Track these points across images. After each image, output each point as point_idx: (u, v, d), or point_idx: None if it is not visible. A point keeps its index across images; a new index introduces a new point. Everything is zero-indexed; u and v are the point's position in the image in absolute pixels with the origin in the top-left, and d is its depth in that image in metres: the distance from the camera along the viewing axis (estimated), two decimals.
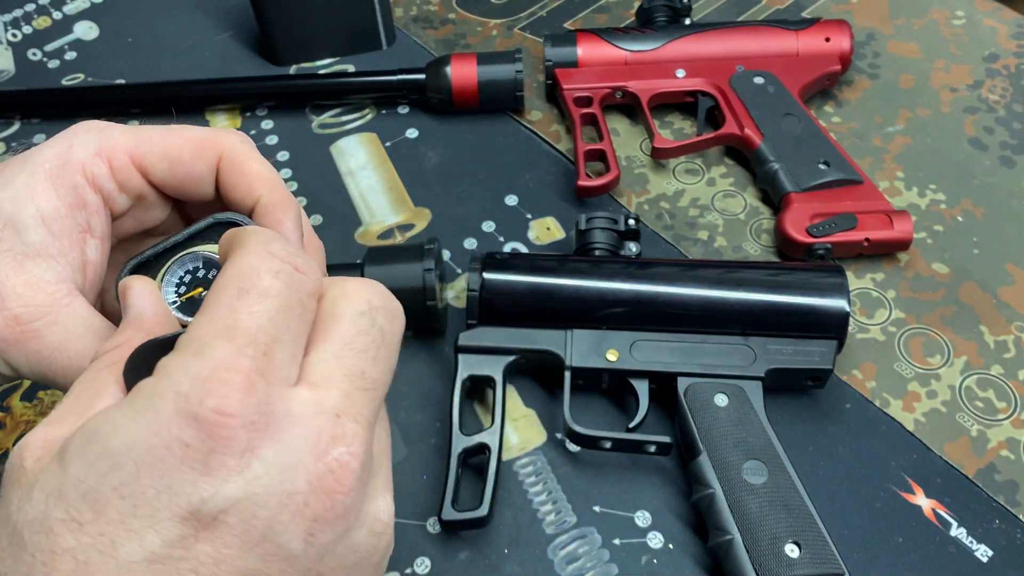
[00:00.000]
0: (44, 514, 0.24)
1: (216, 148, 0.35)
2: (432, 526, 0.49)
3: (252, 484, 0.24)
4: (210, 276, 0.34)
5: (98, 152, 0.34)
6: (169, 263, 0.34)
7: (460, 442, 0.49)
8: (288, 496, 0.25)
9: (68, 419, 0.26)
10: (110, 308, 0.38)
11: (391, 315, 0.29)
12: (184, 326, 0.32)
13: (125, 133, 0.35)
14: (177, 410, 0.24)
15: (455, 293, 0.60)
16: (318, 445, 0.25)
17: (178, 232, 0.34)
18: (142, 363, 0.27)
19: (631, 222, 0.56)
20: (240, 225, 0.34)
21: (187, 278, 0.34)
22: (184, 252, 0.34)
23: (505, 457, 0.52)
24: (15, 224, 0.33)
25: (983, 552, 0.48)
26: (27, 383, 0.56)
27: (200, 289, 0.34)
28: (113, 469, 0.24)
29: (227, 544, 0.24)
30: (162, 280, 0.34)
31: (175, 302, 0.34)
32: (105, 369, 0.28)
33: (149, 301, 0.31)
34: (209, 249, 0.34)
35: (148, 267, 0.34)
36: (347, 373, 0.27)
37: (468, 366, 0.51)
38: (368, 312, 0.28)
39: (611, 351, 0.51)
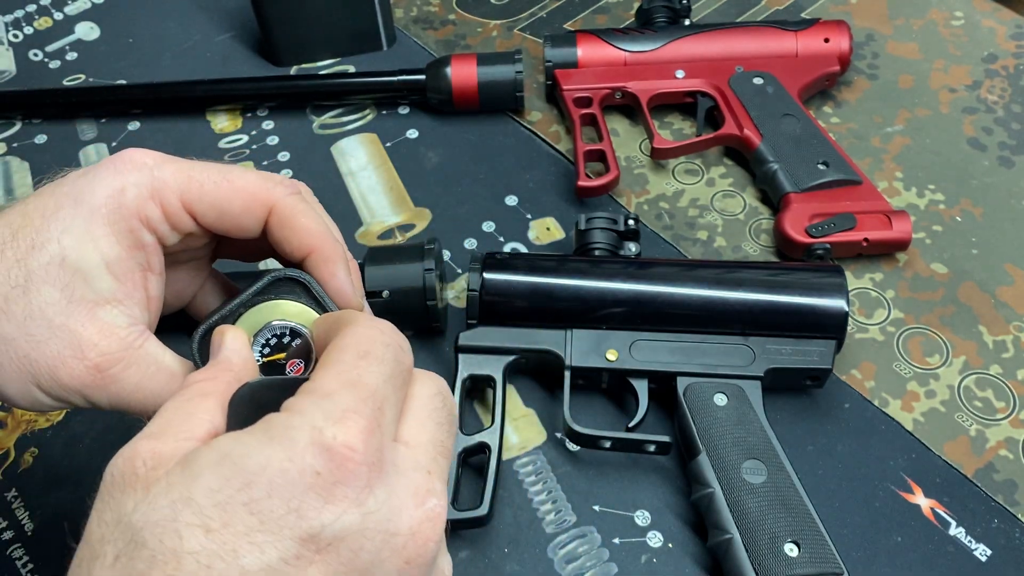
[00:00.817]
0: (170, 517, 0.25)
1: (266, 204, 0.36)
2: None
3: (366, 518, 0.27)
4: (294, 344, 0.36)
5: (151, 195, 0.35)
6: (261, 327, 0.36)
7: (460, 441, 0.49)
8: (391, 536, 0.27)
9: (168, 436, 0.28)
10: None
11: (451, 400, 0.33)
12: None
13: (176, 175, 0.36)
14: (312, 441, 0.26)
15: (455, 293, 0.60)
16: (417, 495, 0.28)
17: (244, 292, 0.36)
18: (250, 399, 0.31)
19: (631, 222, 0.56)
20: (301, 282, 0.36)
21: (273, 341, 0.36)
22: (272, 319, 0.36)
23: (505, 456, 0.52)
24: (83, 273, 0.34)
25: (982, 551, 0.48)
26: None
27: (282, 355, 0.36)
28: (246, 486, 0.25)
29: (334, 570, 0.26)
30: (252, 341, 0.36)
31: (259, 361, 0.36)
32: (199, 397, 0.30)
33: (240, 349, 0.34)
34: (288, 312, 0.36)
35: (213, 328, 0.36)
36: (431, 440, 0.31)
37: (468, 366, 0.52)
38: (439, 394, 0.32)
39: (611, 351, 0.51)
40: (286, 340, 0.36)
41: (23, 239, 0.34)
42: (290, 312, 0.36)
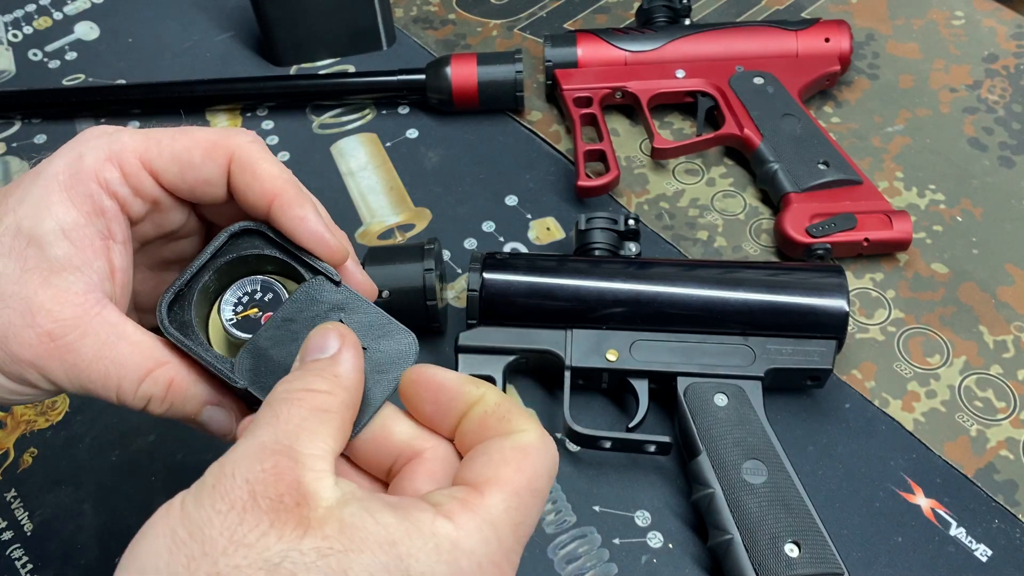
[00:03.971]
0: None
1: (226, 150, 0.35)
2: None
3: None
4: (266, 299, 0.36)
5: (108, 157, 0.34)
6: (231, 286, 0.36)
7: None
8: None
9: (301, 457, 0.27)
10: (142, 312, 0.39)
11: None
12: (238, 342, 0.35)
13: (134, 137, 0.35)
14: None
15: (455, 293, 0.60)
16: None
17: (202, 252, 0.35)
18: None
19: (631, 222, 0.56)
20: (256, 231, 0.35)
21: (244, 298, 0.36)
22: (241, 275, 0.36)
23: None
24: (37, 241, 0.33)
25: (982, 552, 0.48)
26: None
27: (255, 309, 0.35)
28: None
29: None
30: (221, 300, 0.36)
31: (231, 319, 0.35)
32: (322, 412, 0.29)
33: (359, 367, 0.32)
34: (255, 266, 0.36)
35: (184, 294, 0.35)
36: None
37: (468, 366, 0.52)
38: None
39: (611, 351, 0.51)
40: (258, 296, 0.36)
41: None
42: (257, 267, 0.36)
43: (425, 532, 0.27)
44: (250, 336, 0.34)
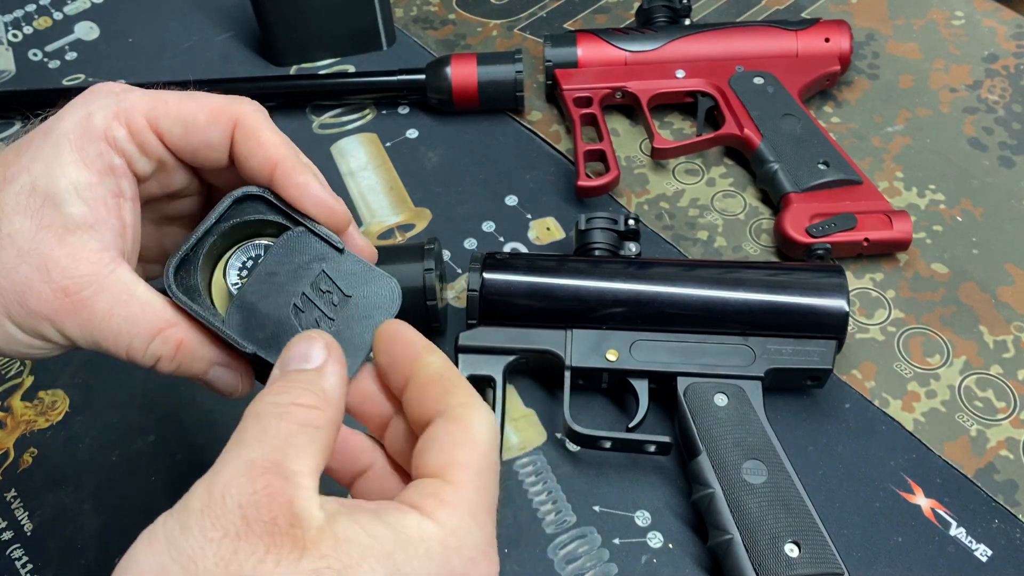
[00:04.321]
0: None
1: (231, 116, 0.35)
2: None
3: None
4: None
5: (116, 116, 0.35)
6: (235, 250, 0.36)
7: None
8: None
9: (290, 475, 0.27)
10: (145, 263, 0.40)
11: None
12: (223, 303, 0.36)
13: (142, 96, 0.35)
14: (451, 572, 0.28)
15: (455, 293, 0.60)
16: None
17: (207, 217, 0.35)
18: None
19: (631, 222, 0.56)
20: (259, 197, 0.36)
21: (249, 263, 0.36)
22: (245, 240, 0.36)
23: (505, 457, 0.52)
24: (52, 199, 0.33)
25: (982, 552, 0.48)
26: (28, 382, 0.56)
27: None
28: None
29: None
30: (227, 264, 0.36)
31: (237, 284, 0.36)
32: (312, 429, 0.29)
33: (344, 384, 0.32)
34: (258, 230, 0.36)
35: (189, 259, 0.35)
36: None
37: (468, 366, 0.52)
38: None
39: (611, 351, 0.51)
40: (261, 260, 0.36)
41: None
42: (259, 230, 0.36)
43: (414, 538, 0.27)
44: None
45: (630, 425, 0.50)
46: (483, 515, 0.29)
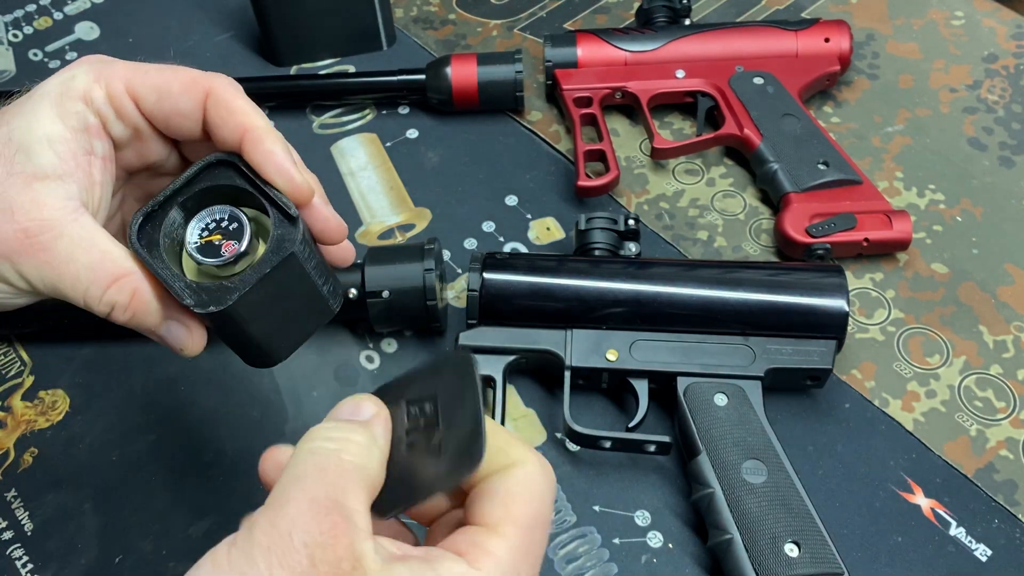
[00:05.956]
0: None
1: (204, 87, 0.37)
2: None
3: None
4: (231, 228, 0.37)
5: (97, 79, 0.37)
6: (201, 211, 0.37)
7: None
8: None
9: (347, 520, 0.27)
10: (119, 232, 0.41)
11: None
12: (204, 268, 0.36)
13: (126, 66, 0.38)
14: None
15: (455, 293, 0.60)
16: None
17: (178, 178, 0.37)
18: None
19: (631, 222, 0.56)
20: (230, 163, 0.37)
21: (212, 224, 0.37)
22: (212, 203, 0.37)
23: None
24: (25, 148, 0.35)
25: (982, 551, 0.48)
26: (28, 382, 0.56)
27: (219, 236, 0.37)
28: None
29: None
30: (190, 223, 0.37)
31: (195, 243, 0.37)
32: (355, 473, 0.29)
33: (385, 448, 0.32)
34: (226, 195, 0.38)
35: (155, 215, 0.37)
36: None
37: None
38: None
39: (611, 351, 0.51)
40: (224, 224, 0.37)
41: None
42: (227, 196, 0.37)
43: None
44: (211, 261, 0.36)
45: (630, 425, 0.50)
46: (526, 569, 0.30)
